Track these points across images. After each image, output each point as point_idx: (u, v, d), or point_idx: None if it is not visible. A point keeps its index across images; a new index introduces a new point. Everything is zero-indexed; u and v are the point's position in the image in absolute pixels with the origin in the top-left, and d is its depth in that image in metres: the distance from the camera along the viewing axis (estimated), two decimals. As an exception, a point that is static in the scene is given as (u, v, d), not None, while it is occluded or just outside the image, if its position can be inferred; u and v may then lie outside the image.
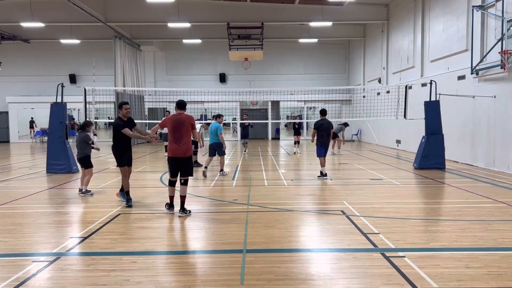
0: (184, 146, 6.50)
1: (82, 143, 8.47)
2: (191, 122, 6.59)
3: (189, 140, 6.57)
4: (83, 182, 8.40)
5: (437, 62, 15.59)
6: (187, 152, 6.55)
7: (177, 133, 6.48)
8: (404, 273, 4.10)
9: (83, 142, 8.47)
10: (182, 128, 6.48)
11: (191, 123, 6.58)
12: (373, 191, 8.70)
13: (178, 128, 6.48)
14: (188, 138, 6.57)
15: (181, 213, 6.56)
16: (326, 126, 10.34)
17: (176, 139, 6.48)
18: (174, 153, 6.50)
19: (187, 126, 6.53)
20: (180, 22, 20.20)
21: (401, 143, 19.04)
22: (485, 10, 12.16)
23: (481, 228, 5.64)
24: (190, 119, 6.59)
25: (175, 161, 6.53)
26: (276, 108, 28.89)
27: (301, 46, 27.18)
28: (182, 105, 6.70)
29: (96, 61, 19.82)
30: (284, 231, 5.67)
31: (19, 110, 27.25)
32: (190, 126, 6.56)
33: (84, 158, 8.45)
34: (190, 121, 6.58)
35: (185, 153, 6.53)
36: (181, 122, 6.50)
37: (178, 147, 6.47)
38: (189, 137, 6.58)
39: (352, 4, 19.84)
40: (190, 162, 6.65)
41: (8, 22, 20.68)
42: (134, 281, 3.99)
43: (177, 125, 6.48)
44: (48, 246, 5.09)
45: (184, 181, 6.63)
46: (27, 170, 12.41)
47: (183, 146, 6.49)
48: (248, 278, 4.03)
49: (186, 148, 6.53)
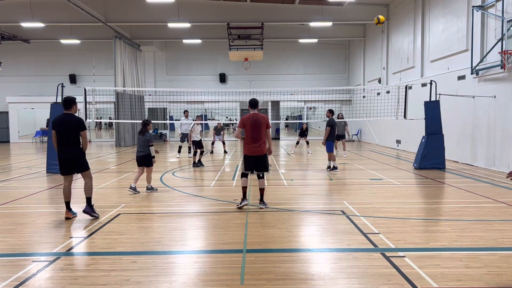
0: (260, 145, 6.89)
1: (146, 143, 8.60)
2: (266, 121, 6.93)
3: (264, 139, 6.92)
4: (137, 180, 8.58)
5: (437, 62, 15.59)
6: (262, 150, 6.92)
7: (255, 133, 6.85)
8: (404, 273, 4.10)
9: (146, 142, 8.60)
10: (260, 128, 6.85)
11: (266, 123, 6.92)
12: (373, 191, 8.70)
13: (256, 128, 6.83)
14: (264, 137, 6.91)
15: (261, 204, 7.03)
16: (335, 123, 11.70)
17: (252, 139, 6.86)
18: (251, 151, 6.90)
19: (263, 126, 6.87)
20: (180, 22, 20.20)
21: (401, 143, 19.04)
22: (485, 10, 12.16)
23: (481, 228, 5.64)
24: (265, 119, 6.92)
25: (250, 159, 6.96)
26: (276, 108, 28.89)
27: (301, 46, 27.19)
28: (254, 104, 7.00)
29: (96, 61, 19.85)
30: (284, 231, 5.67)
31: (19, 110, 27.24)
32: (265, 126, 6.90)
33: (146, 157, 8.57)
34: (266, 121, 6.92)
35: (263, 151, 6.92)
36: (258, 122, 6.85)
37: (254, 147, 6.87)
38: (264, 136, 6.91)
39: (352, 4, 19.85)
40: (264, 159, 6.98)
41: (8, 22, 20.67)
42: (134, 281, 3.99)
43: (254, 125, 6.83)
44: (48, 246, 5.09)
45: (262, 175, 7.07)
46: (27, 170, 12.41)
47: (261, 145, 6.89)
48: (248, 278, 4.03)
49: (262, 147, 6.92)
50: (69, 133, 6.29)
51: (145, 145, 8.60)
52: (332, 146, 11.59)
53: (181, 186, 9.53)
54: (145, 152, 8.58)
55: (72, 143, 6.31)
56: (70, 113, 6.46)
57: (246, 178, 7.09)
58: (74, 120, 6.36)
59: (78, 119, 6.41)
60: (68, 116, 6.38)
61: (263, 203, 7.07)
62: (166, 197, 8.24)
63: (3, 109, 27.12)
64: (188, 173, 11.86)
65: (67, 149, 6.30)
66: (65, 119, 6.35)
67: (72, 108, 6.50)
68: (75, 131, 6.31)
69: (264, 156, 6.97)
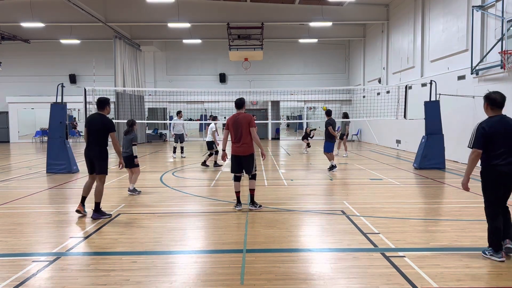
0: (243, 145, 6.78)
1: (130, 142, 8.47)
2: (248, 120, 6.80)
3: (248, 139, 6.78)
4: (131, 181, 8.50)
5: (437, 62, 15.59)
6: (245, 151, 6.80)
7: (236, 132, 6.78)
8: (404, 273, 4.10)
9: (130, 141, 8.47)
10: (241, 127, 6.75)
11: (248, 122, 6.78)
12: (373, 191, 8.70)
13: (237, 127, 6.76)
14: (247, 137, 6.77)
15: (251, 206, 6.92)
16: (325, 125, 11.72)
17: (235, 138, 6.82)
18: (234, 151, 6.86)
19: (245, 125, 6.75)
20: (180, 22, 20.20)
21: (401, 143, 19.04)
22: (485, 10, 12.16)
23: (481, 228, 5.63)
24: (246, 118, 6.80)
25: (234, 159, 6.91)
26: (276, 108, 28.89)
27: (301, 46, 27.19)
28: (237, 104, 6.95)
29: (96, 61, 19.84)
30: (284, 231, 5.67)
31: (19, 110, 27.26)
32: (247, 126, 6.76)
33: (130, 157, 8.40)
34: (247, 120, 6.79)
35: (245, 152, 6.79)
36: (239, 122, 6.76)
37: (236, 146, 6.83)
38: (248, 136, 6.77)
39: (352, 4, 19.84)
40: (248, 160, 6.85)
41: (8, 22, 20.67)
42: (134, 281, 3.99)
43: (236, 125, 6.76)
44: (48, 246, 5.09)
45: (251, 176, 6.94)
46: (27, 170, 12.41)
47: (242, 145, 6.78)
48: (248, 278, 4.03)
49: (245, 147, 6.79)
50: (96, 133, 6.39)
51: (130, 144, 8.44)
52: (330, 147, 11.56)
53: (181, 186, 9.53)
54: (130, 153, 8.42)
55: (97, 143, 6.40)
56: (103, 113, 6.53)
57: (238, 182, 6.96)
58: (103, 121, 6.43)
59: (107, 121, 6.45)
60: (100, 116, 6.48)
61: (253, 205, 6.92)
62: (166, 197, 8.25)
63: (3, 109, 27.13)
64: (188, 173, 11.87)
65: (90, 148, 6.44)
66: (96, 119, 6.45)
67: (105, 108, 6.59)
68: (103, 132, 6.37)
69: (248, 157, 6.79)
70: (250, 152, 6.81)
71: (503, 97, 4.47)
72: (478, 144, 4.41)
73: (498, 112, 4.49)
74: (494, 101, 4.46)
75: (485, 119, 4.54)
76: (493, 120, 4.46)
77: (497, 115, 4.48)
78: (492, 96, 4.49)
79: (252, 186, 6.96)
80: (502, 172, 4.36)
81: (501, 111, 4.51)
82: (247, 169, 6.87)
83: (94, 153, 6.40)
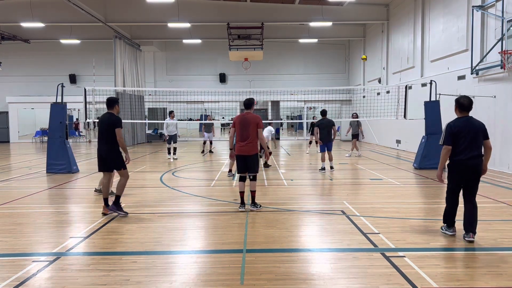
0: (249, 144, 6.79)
1: None
2: (257, 121, 6.82)
3: (254, 139, 6.80)
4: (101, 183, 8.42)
5: (437, 62, 15.59)
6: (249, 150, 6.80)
7: (243, 132, 6.81)
8: (404, 273, 4.10)
9: None
10: (248, 126, 6.78)
11: (257, 123, 6.80)
12: (373, 191, 8.71)
13: (244, 127, 6.79)
14: (254, 137, 6.80)
15: (252, 206, 6.90)
16: (326, 124, 11.55)
17: (240, 137, 6.82)
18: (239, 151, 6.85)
19: (253, 125, 6.78)
20: (180, 22, 20.19)
21: (401, 143, 19.04)
22: (485, 10, 12.16)
23: (481, 228, 5.63)
24: (255, 119, 6.84)
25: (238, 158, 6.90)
26: (276, 108, 28.90)
27: (301, 46, 27.19)
28: (247, 105, 7.03)
29: (96, 61, 19.80)
30: (284, 231, 5.67)
31: (19, 110, 27.25)
32: (255, 126, 6.79)
33: None
34: (255, 121, 6.82)
35: (249, 151, 6.79)
36: (247, 121, 6.79)
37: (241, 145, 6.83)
38: (254, 136, 6.80)
39: (352, 4, 19.83)
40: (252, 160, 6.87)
41: (8, 22, 20.66)
42: (134, 281, 3.99)
43: (243, 125, 6.80)
44: (48, 246, 5.09)
45: (252, 177, 6.92)
46: (27, 170, 12.41)
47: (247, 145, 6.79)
48: (248, 278, 4.04)
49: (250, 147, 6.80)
50: (106, 131, 6.53)
51: None
52: (322, 147, 11.71)
53: (181, 186, 9.53)
54: None
55: (106, 141, 6.54)
56: (112, 112, 6.68)
57: (243, 183, 6.98)
58: (111, 119, 6.56)
59: (114, 118, 6.58)
60: (109, 115, 6.63)
61: (254, 205, 6.93)
62: (166, 197, 8.25)
63: (3, 109, 27.12)
64: (188, 173, 11.86)
65: (101, 146, 6.60)
66: (105, 118, 6.61)
67: (114, 108, 6.74)
68: (111, 130, 6.49)
69: (252, 157, 6.82)
70: (255, 152, 6.88)
71: (470, 102, 5.25)
72: (447, 141, 5.13)
73: (465, 114, 5.23)
74: (462, 105, 5.23)
75: (453, 119, 5.25)
76: (460, 120, 5.18)
77: (464, 116, 5.22)
78: (461, 100, 5.26)
79: (253, 188, 6.99)
80: (463, 165, 5.08)
81: (468, 113, 5.24)
82: (251, 168, 6.90)
83: (106, 151, 6.56)
